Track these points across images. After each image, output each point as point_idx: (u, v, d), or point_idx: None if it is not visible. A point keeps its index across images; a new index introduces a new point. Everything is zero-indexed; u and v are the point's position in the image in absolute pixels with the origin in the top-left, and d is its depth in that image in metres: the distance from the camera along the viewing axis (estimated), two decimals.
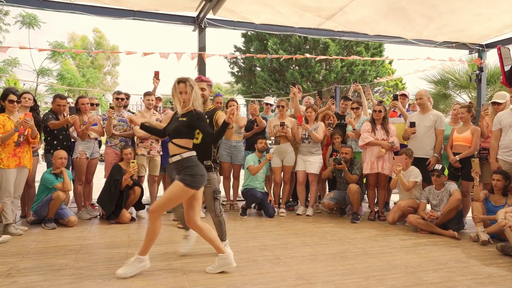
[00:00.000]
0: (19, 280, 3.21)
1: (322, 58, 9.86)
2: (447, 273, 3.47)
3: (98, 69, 28.88)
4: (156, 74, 6.03)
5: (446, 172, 5.16)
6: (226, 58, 21.61)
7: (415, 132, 5.46)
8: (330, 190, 6.29)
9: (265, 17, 7.24)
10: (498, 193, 4.67)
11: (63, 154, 5.06)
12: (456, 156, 5.22)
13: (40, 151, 6.80)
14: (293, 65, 19.84)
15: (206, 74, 7.31)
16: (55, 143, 5.36)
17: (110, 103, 6.07)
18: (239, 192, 6.27)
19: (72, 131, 5.73)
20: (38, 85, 18.03)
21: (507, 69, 4.57)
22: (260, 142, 5.89)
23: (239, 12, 6.96)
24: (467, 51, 9.11)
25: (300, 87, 6.74)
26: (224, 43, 38.36)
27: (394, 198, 6.60)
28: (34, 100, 5.01)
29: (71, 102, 5.98)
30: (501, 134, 4.86)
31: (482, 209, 4.67)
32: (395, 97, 6.09)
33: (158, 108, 6.55)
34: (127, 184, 5.23)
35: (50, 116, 5.35)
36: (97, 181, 6.30)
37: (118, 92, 5.91)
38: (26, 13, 16.32)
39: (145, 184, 5.87)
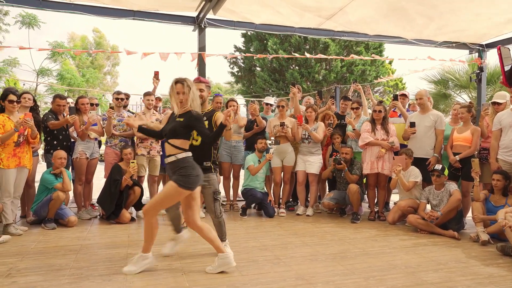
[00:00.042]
0: (19, 280, 3.21)
1: (322, 57, 9.83)
2: (447, 273, 3.47)
3: (98, 69, 28.90)
4: (156, 74, 6.03)
5: (446, 172, 5.15)
6: (226, 58, 21.63)
7: (415, 132, 5.46)
8: (330, 190, 6.29)
9: (265, 17, 7.24)
10: (498, 193, 4.67)
11: (62, 154, 5.06)
12: (456, 156, 5.22)
13: (40, 151, 6.80)
14: (293, 65, 19.83)
15: (206, 74, 7.31)
16: (55, 143, 5.36)
17: (110, 103, 6.07)
18: (239, 192, 6.26)
19: (72, 131, 5.73)
20: (38, 85, 18.06)
21: (507, 69, 4.56)
22: (260, 142, 5.88)
23: (239, 12, 6.96)
24: (467, 51, 9.12)
25: (300, 87, 6.74)
26: (224, 43, 38.40)
27: (394, 198, 6.60)
28: (34, 100, 5.01)
29: (71, 102, 5.97)
30: (501, 134, 4.85)
31: (482, 209, 4.66)
32: (395, 97, 6.09)
33: (158, 108, 6.55)
34: (127, 184, 5.23)
35: (50, 116, 5.35)
36: (97, 181, 6.30)
37: (118, 92, 5.91)
38: (26, 13, 16.35)
39: (145, 184, 5.87)
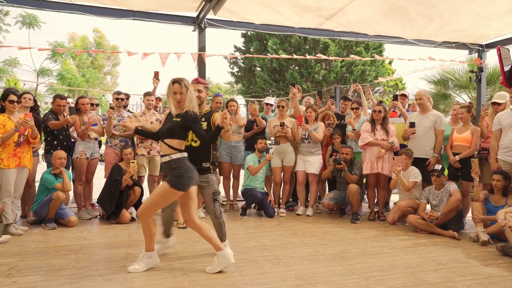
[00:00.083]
0: (19, 280, 3.21)
1: (322, 58, 9.83)
2: (447, 273, 3.47)
3: (98, 69, 28.90)
4: (156, 74, 6.03)
5: (446, 172, 5.15)
6: (226, 58, 21.63)
7: (415, 132, 5.46)
8: (330, 190, 6.29)
9: (265, 17, 7.24)
10: (498, 193, 4.67)
11: (62, 154, 5.06)
12: (456, 156, 5.22)
13: (40, 151, 6.80)
14: (293, 65, 19.83)
15: (206, 74, 7.31)
16: (55, 143, 5.36)
17: (110, 103, 6.08)
18: (239, 192, 6.26)
19: (72, 131, 5.73)
20: (38, 85, 18.06)
21: (506, 69, 4.56)
22: (260, 142, 5.88)
23: (239, 12, 6.96)
24: (467, 51, 9.12)
25: (299, 87, 6.74)
26: (224, 43, 38.30)
27: (394, 198, 6.60)
28: (34, 100, 5.02)
29: (71, 102, 5.98)
30: (501, 134, 4.86)
31: (482, 209, 4.66)
32: (395, 97, 6.09)
33: (158, 108, 6.56)
34: (127, 184, 5.23)
35: (50, 116, 5.35)
36: (97, 181, 6.30)
37: (118, 92, 5.92)
38: (26, 13, 16.34)
39: (145, 184, 5.87)
